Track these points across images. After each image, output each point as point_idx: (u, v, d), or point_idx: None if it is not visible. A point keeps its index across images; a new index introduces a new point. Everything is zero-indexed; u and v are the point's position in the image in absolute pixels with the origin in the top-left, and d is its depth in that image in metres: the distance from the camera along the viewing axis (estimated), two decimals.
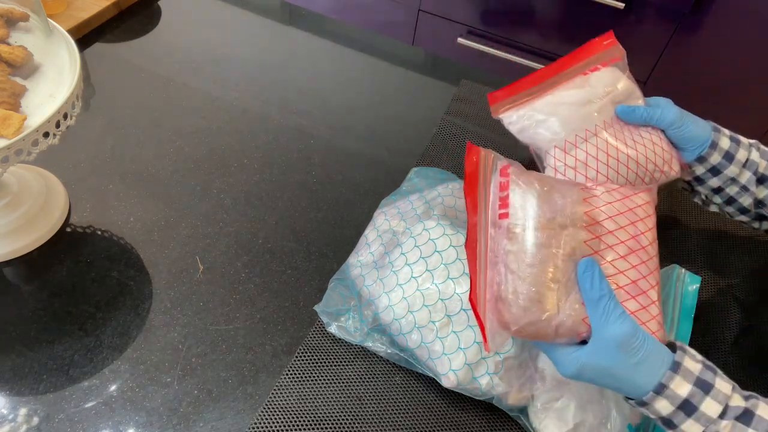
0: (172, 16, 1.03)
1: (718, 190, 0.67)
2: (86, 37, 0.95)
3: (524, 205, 0.52)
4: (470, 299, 0.51)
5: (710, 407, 0.46)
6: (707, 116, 0.70)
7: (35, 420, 0.56)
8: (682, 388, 0.47)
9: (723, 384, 0.47)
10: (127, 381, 0.59)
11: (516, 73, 1.63)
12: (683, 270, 0.71)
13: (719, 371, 0.49)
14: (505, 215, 0.52)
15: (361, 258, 0.67)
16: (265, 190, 0.78)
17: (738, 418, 0.46)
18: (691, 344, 0.67)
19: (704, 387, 0.47)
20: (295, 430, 0.57)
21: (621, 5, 1.41)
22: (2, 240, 0.66)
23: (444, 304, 0.59)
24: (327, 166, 0.83)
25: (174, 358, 0.61)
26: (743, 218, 0.70)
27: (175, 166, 0.79)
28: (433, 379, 0.61)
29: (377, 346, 0.62)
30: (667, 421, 0.48)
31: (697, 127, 0.66)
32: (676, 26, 1.43)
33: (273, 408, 0.58)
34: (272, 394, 0.59)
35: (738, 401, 0.47)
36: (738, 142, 0.66)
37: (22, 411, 0.56)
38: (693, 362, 0.48)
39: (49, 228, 0.69)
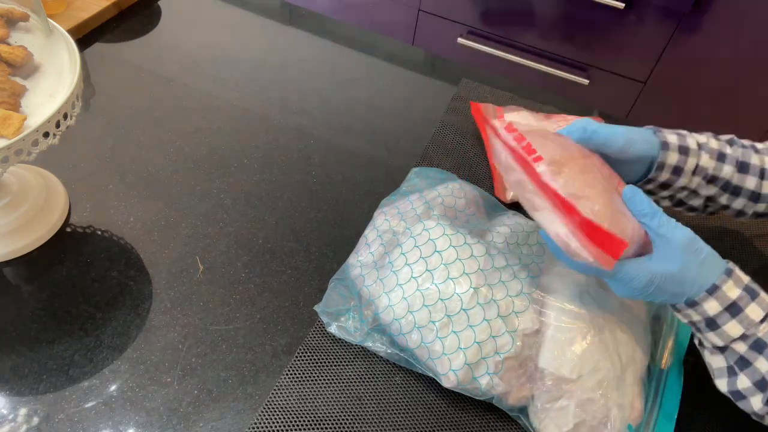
0: (172, 16, 1.03)
1: (666, 196, 0.66)
2: (86, 37, 0.95)
3: (545, 147, 0.55)
4: (585, 222, 0.52)
5: (754, 311, 0.51)
6: (707, 116, 0.70)
7: (35, 420, 0.56)
8: (733, 291, 0.52)
9: (767, 296, 0.53)
10: (127, 381, 0.59)
11: (516, 73, 1.63)
12: None
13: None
14: (539, 158, 0.54)
15: (361, 258, 0.67)
16: (265, 190, 0.78)
17: None
18: (691, 342, 0.67)
19: (752, 293, 0.52)
20: (295, 430, 0.57)
21: (621, 5, 1.41)
22: (2, 240, 0.66)
23: (444, 304, 0.59)
24: (327, 166, 0.83)
25: (174, 358, 0.61)
26: (692, 213, 0.69)
27: (175, 166, 0.79)
28: (433, 379, 0.61)
29: (377, 346, 0.62)
30: (711, 322, 0.52)
31: (643, 146, 0.61)
32: (676, 26, 1.43)
33: (273, 408, 0.58)
34: (272, 394, 0.59)
35: None
36: (686, 151, 0.62)
37: (22, 411, 0.56)
38: (742, 273, 0.53)
39: (49, 228, 0.69)
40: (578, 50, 1.57)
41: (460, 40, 1.64)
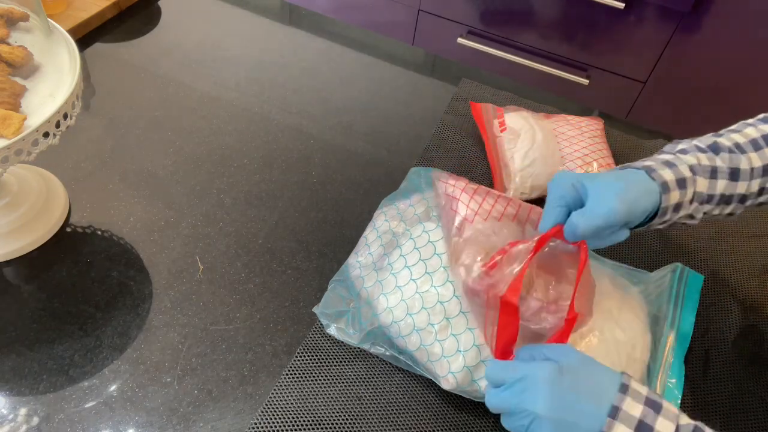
0: (172, 16, 1.03)
1: (660, 224, 0.61)
2: (86, 37, 0.95)
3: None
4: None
5: (665, 427, 0.45)
6: (707, 116, 0.69)
7: (35, 420, 0.56)
8: (635, 408, 0.45)
9: (668, 404, 0.47)
10: (127, 381, 0.59)
11: (516, 73, 1.63)
12: (686, 269, 0.71)
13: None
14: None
15: (361, 259, 0.67)
16: (265, 190, 0.78)
17: None
18: (692, 343, 0.67)
19: (655, 407, 0.46)
20: (295, 430, 0.57)
21: (621, 5, 1.41)
22: (2, 240, 0.66)
23: (443, 306, 0.59)
24: (327, 166, 0.83)
25: (174, 358, 0.61)
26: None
27: (175, 166, 0.79)
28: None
29: (376, 348, 0.62)
30: None
31: (645, 203, 0.54)
32: (676, 26, 1.43)
33: (273, 408, 0.58)
34: (272, 394, 0.59)
35: (686, 420, 0.46)
36: (684, 184, 0.56)
37: (22, 411, 0.56)
38: (637, 384, 0.47)
39: (49, 228, 0.69)
40: (578, 50, 1.56)
41: (460, 40, 1.64)
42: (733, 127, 0.63)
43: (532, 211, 0.61)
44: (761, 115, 0.63)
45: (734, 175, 0.58)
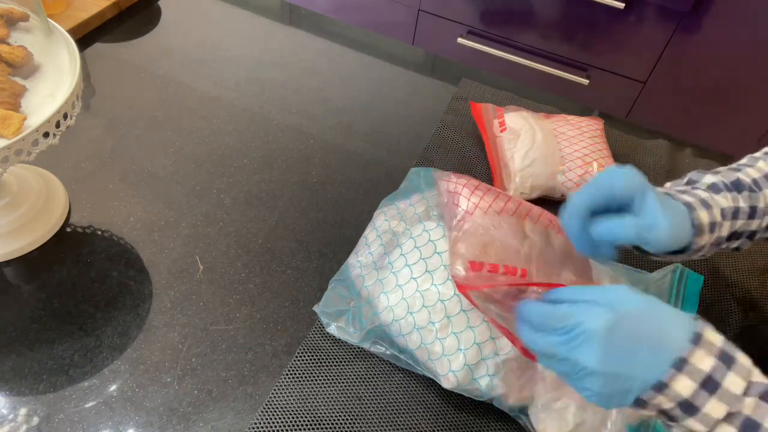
0: (172, 16, 1.03)
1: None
2: (86, 37, 0.95)
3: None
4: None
5: (734, 384, 0.42)
6: (707, 116, 0.69)
7: (35, 420, 0.56)
8: (705, 361, 0.42)
9: (743, 358, 0.44)
10: (127, 381, 0.59)
11: (516, 73, 1.63)
12: (686, 269, 0.71)
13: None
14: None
15: (361, 258, 0.67)
16: (265, 190, 0.78)
17: (762, 397, 0.42)
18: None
19: (727, 360, 0.42)
20: (295, 430, 0.57)
21: (621, 5, 1.41)
22: (2, 240, 0.66)
23: (444, 305, 0.59)
24: (327, 166, 0.83)
25: (174, 358, 0.61)
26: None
27: (175, 166, 0.79)
28: (433, 379, 0.61)
29: (376, 347, 0.62)
30: (687, 406, 0.42)
31: (678, 239, 0.52)
32: (676, 26, 1.43)
33: (273, 408, 0.58)
34: (272, 394, 0.59)
35: (759, 377, 0.43)
36: (714, 228, 0.54)
37: (22, 411, 0.56)
38: (713, 333, 0.44)
39: (49, 228, 0.69)
40: (578, 50, 1.56)
41: (460, 40, 1.64)
42: (743, 161, 0.61)
43: (532, 210, 0.61)
44: (766, 149, 0.62)
45: (752, 214, 0.57)
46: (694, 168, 0.91)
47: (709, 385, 0.42)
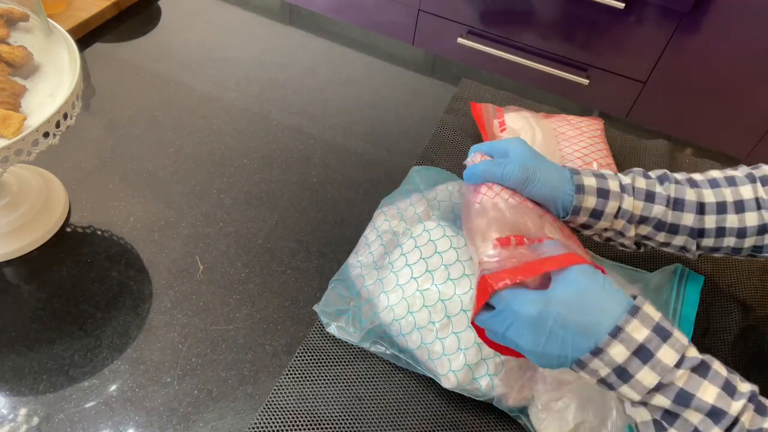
0: (172, 16, 1.03)
1: (591, 235, 0.62)
2: (86, 37, 0.95)
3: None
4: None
5: (667, 355, 0.44)
6: (707, 116, 0.69)
7: (35, 420, 0.56)
8: (640, 332, 0.44)
9: (680, 335, 0.46)
10: (127, 381, 0.59)
11: (516, 73, 1.63)
12: (686, 269, 0.71)
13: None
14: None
15: (361, 258, 0.67)
16: (265, 190, 0.78)
17: (694, 370, 0.45)
18: (693, 343, 0.67)
19: (662, 334, 0.45)
20: (295, 430, 0.57)
21: (621, 5, 1.41)
22: (2, 240, 0.66)
23: (444, 305, 0.59)
24: (327, 166, 0.83)
25: (174, 358, 0.61)
26: (626, 249, 0.64)
27: (175, 166, 0.79)
28: (433, 379, 0.61)
29: (376, 347, 0.62)
30: (621, 371, 0.45)
31: (547, 189, 0.56)
32: (676, 26, 1.43)
33: (273, 408, 0.58)
34: (272, 394, 0.59)
35: (694, 353, 0.46)
36: (606, 194, 0.57)
37: (22, 411, 0.56)
38: (651, 308, 0.46)
39: (49, 228, 0.69)
40: (578, 50, 1.57)
41: (460, 40, 1.64)
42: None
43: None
44: (733, 167, 0.63)
45: (677, 204, 0.59)
46: (695, 168, 0.91)
47: (642, 353, 0.44)
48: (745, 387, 0.45)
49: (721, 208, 0.59)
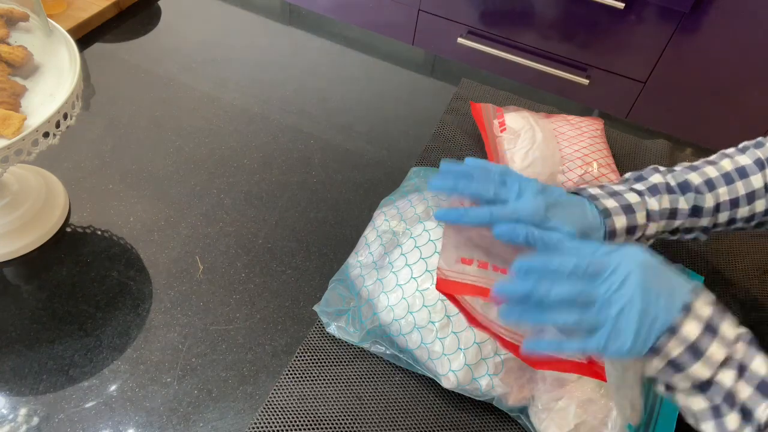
0: (172, 16, 1.03)
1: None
2: (86, 37, 0.95)
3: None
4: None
5: (728, 329, 0.46)
6: (707, 116, 0.69)
7: (35, 420, 0.56)
8: (705, 309, 0.46)
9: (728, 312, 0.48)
10: (127, 381, 0.59)
11: (516, 73, 1.63)
12: (686, 269, 0.71)
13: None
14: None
15: (361, 258, 0.67)
16: (265, 190, 0.78)
17: (749, 342, 0.46)
18: None
19: (720, 310, 0.47)
20: (295, 430, 0.57)
21: (621, 5, 1.41)
22: (2, 240, 0.66)
23: (444, 304, 0.59)
24: (327, 166, 0.83)
25: (174, 358, 0.61)
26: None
27: (175, 166, 0.79)
28: (433, 379, 0.61)
29: (376, 347, 0.62)
30: (695, 349, 0.45)
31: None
32: (676, 26, 1.43)
33: (273, 408, 0.58)
34: (272, 394, 0.59)
35: (743, 327, 0.47)
36: (634, 231, 0.57)
37: (22, 411, 0.56)
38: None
39: (49, 228, 0.69)
40: (578, 50, 1.57)
41: (460, 40, 1.64)
42: (712, 157, 0.64)
43: None
44: (741, 144, 0.64)
45: (696, 213, 0.60)
46: None
47: (711, 328, 0.45)
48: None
49: (728, 178, 0.60)
